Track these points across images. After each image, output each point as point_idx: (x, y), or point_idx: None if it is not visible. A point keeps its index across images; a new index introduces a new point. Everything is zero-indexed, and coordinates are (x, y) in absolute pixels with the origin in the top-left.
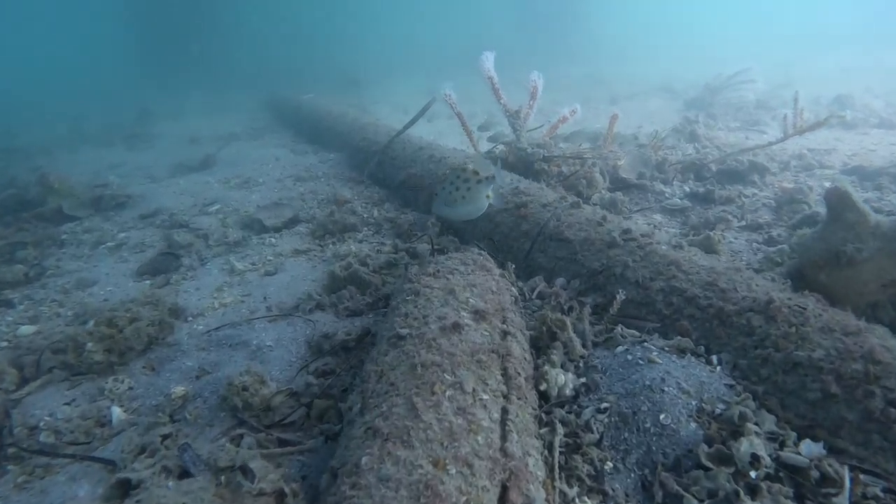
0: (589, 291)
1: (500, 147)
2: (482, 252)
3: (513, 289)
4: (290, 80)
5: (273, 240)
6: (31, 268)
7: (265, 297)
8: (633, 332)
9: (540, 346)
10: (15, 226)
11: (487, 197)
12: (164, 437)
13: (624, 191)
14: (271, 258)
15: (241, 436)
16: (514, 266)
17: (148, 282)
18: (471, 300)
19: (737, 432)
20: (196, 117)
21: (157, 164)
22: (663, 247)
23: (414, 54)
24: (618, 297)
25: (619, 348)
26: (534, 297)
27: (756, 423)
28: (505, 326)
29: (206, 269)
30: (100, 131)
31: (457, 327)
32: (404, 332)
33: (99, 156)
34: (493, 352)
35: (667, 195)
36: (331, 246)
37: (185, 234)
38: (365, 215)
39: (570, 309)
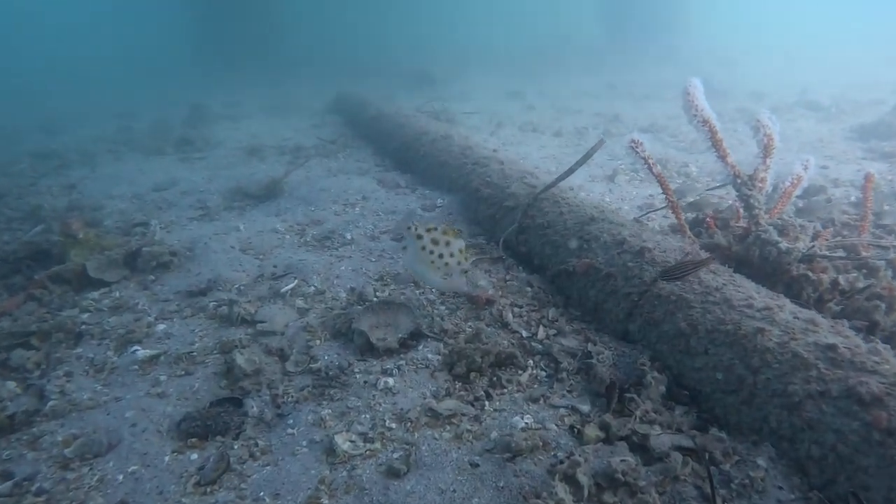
0: None
1: (711, 227)
2: None
3: None
4: (355, 75)
5: (389, 380)
6: (26, 389)
7: None
8: None
9: None
10: (25, 292)
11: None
12: None
13: None
14: (393, 426)
15: None
16: None
17: (194, 456)
18: None
19: None
20: (255, 117)
21: (210, 186)
22: None
23: (488, 47)
24: None
25: None
26: None
27: None
28: None
29: (286, 435)
30: (149, 132)
31: None
32: None
33: (145, 168)
34: None
35: None
36: (486, 405)
37: (250, 352)
38: (523, 333)
39: None
